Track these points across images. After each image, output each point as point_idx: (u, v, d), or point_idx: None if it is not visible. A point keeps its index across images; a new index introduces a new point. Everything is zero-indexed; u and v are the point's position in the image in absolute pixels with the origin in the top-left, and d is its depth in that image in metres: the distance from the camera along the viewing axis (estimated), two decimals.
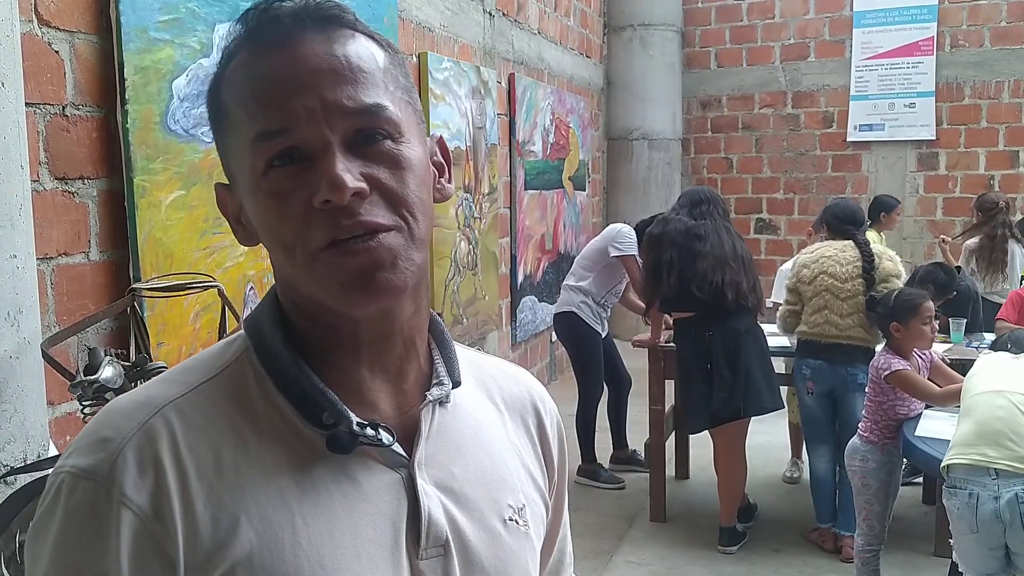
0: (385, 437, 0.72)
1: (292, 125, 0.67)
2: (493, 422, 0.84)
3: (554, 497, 0.90)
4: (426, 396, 0.77)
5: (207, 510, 0.66)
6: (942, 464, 2.69)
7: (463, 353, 0.85)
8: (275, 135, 0.67)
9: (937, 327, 3.45)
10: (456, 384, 0.80)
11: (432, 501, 0.74)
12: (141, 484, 0.65)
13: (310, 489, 0.69)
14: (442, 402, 0.78)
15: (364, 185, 0.67)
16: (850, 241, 3.80)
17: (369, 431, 0.71)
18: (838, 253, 3.76)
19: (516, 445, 0.85)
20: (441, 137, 0.80)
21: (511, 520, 0.79)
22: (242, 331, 0.77)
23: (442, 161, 0.78)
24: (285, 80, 0.68)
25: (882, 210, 5.58)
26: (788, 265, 4.90)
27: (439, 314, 0.84)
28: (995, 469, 2.55)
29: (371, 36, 0.74)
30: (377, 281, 0.67)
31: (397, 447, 0.73)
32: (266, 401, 0.72)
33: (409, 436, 0.75)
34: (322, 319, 0.72)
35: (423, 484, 0.74)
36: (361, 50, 0.71)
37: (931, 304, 3.33)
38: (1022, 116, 7.40)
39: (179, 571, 0.65)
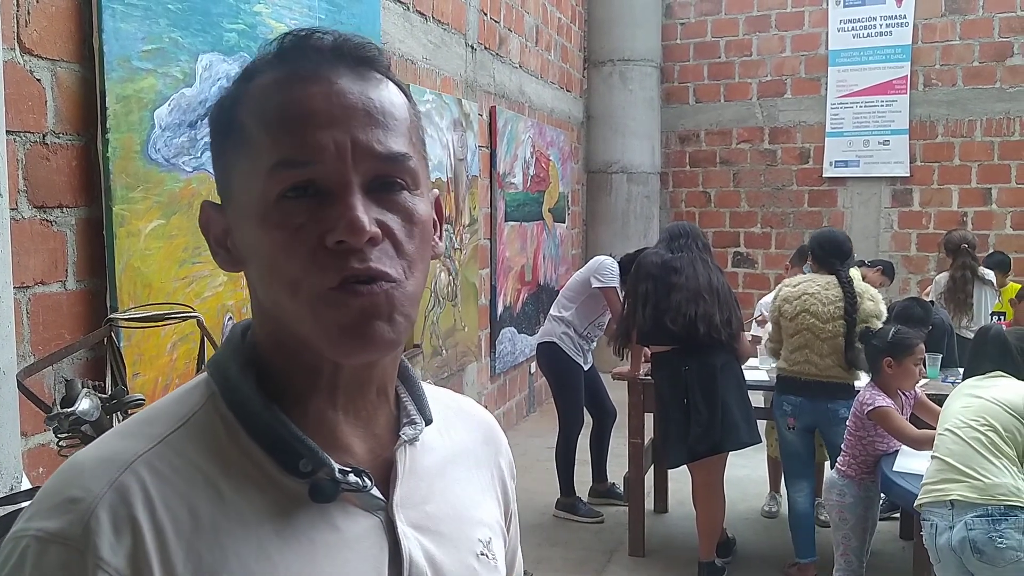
0: (365, 482, 0.70)
1: (317, 158, 0.65)
2: (457, 456, 0.83)
3: (510, 526, 0.90)
4: (400, 436, 0.75)
5: (187, 569, 0.63)
6: (915, 504, 2.77)
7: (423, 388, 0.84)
8: (297, 165, 0.65)
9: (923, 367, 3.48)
10: (428, 422, 0.78)
11: (412, 543, 0.72)
12: (118, 546, 0.61)
13: (291, 539, 0.67)
14: (411, 440, 0.77)
15: (378, 231, 0.66)
16: (834, 277, 3.76)
17: (352, 477, 0.69)
18: (821, 291, 3.73)
19: (479, 477, 0.85)
20: (439, 195, 0.78)
21: (483, 555, 0.79)
22: (203, 376, 0.73)
23: (436, 218, 0.76)
24: (318, 112, 0.66)
25: (882, 267, 5.70)
26: (768, 299, 4.93)
27: (417, 345, 0.83)
28: (951, 500, 2.65)
29: (399, 85, 0.73)
30: (373, 331, 0.66)
31: (375, 491, 0.71)
32: (238, 449, 0.68)
33: (383, 478, 0.73)
34: (303, 360, 0.70)
35: (402, 527, 0.72)
36: (393, 97, 0.71)
37: (923, 347, 3.35)
38: (994, 154, 7.54)
39: None
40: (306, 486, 0.68)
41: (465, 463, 0.84)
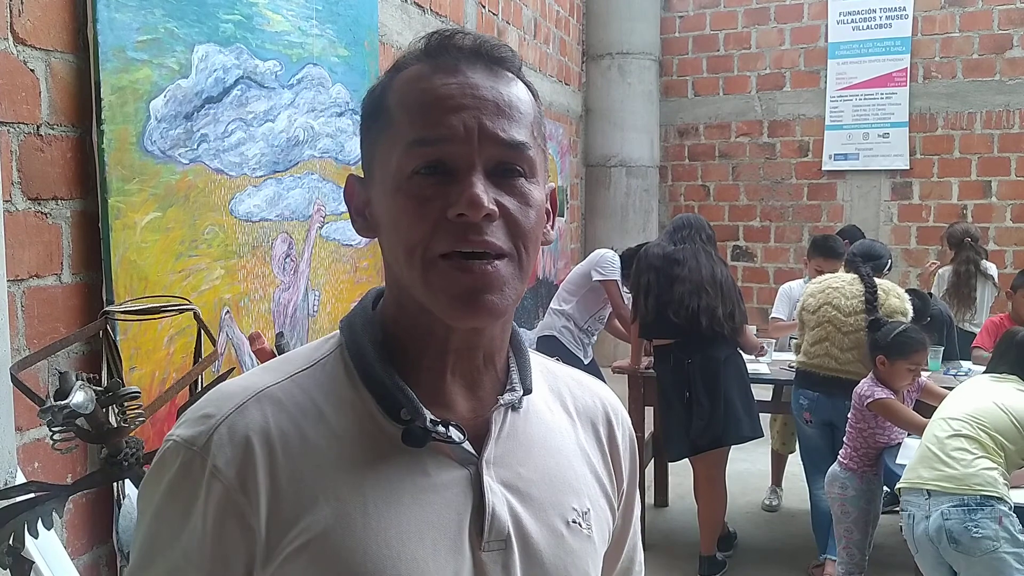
0: (455, 435, 0.77)
1: (448, 137, 0.74)
2: (564, 428, 0.89)
3: (623, 505, 0.95)
4: (498, 400, 0.82)
5: (290, 486, 0.73)
6: (895, 487, 2.80)
7: (541, 363, 0.92)
8: (430, 143, 0.74)
9: (921, 373, 3.42)
10: (527, 391, 0.85)
11: (497, 498, 0.79)
12: (231, 458, 0.73)
13: (383, 477, 0.76)
14: (515, 407, 0.84)
15: (495, 209, 0.74)
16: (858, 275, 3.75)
17: (441, 428, 0.77)
18: (845, 286, 3.72)
19: (585, 451, 0.90)
20: (555, 188, 0.86)
21: (574, 523, 0.84)
22: (338, 330, 0.84)
23: (550, 208, 0.84)
24: (453, 99, 0.75)
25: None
26: (795, 284, 4.89)
27: None
28: (927, 490, 2.66)
29: (528, 85, 0.82)
30: (483, 301, 0.74)
31: (467, 445, 0.78)
32: (353, 393, 0.79)
33: (481, 437, 0.81)
34: (421, 321, 0.79)
35: (489, 481, 0.79)
36: (520, 93, 0.80)
37: (925, 354, 3.31)
38: (994, 147, 7.51)
39: (258, 538, 0.72)
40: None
41: (574, 436, 0.90)
